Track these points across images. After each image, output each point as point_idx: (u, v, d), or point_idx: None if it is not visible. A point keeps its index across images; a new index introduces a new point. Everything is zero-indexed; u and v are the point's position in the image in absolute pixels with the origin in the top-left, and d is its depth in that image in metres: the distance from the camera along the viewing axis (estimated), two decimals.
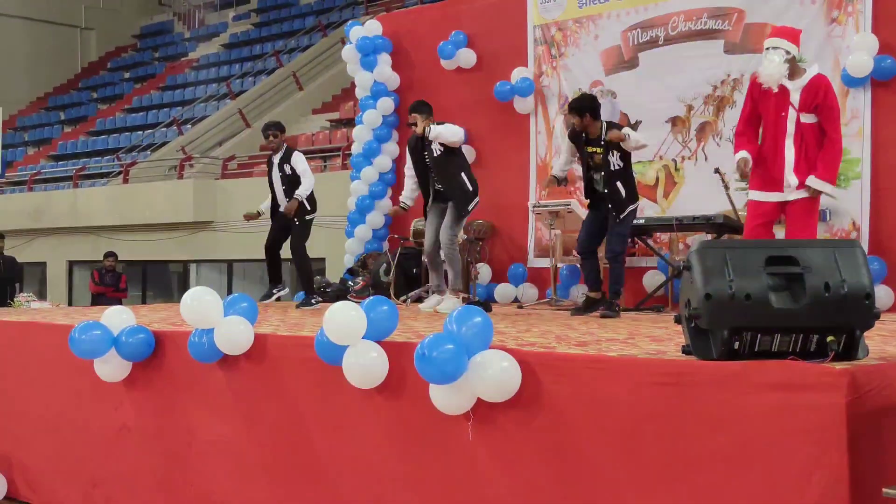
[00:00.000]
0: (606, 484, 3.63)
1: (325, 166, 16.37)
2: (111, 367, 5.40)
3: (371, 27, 10.76)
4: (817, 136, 5.98)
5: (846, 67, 7.67)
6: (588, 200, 7.46)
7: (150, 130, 21.65)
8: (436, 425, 4.14)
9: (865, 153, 7.78)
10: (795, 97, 5.97)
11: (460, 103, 9.84)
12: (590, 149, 7.31)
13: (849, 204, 7.83)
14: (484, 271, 9.75)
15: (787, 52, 5.93)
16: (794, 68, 6.01)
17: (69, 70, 29.25)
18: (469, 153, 10.35)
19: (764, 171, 6.15)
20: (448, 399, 3.98)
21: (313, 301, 8.27)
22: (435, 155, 7.63)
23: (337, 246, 12.18)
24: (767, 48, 6.00)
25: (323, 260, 14.26)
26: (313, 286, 8.59)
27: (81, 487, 5.75)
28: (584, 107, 7.27)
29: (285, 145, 8.43)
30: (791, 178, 5.98)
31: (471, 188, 7.64)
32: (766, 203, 6.10)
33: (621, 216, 7.19)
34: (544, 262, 9.27)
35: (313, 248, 14.02)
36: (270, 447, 4.85)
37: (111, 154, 21.62)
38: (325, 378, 4.56)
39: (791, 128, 5.97)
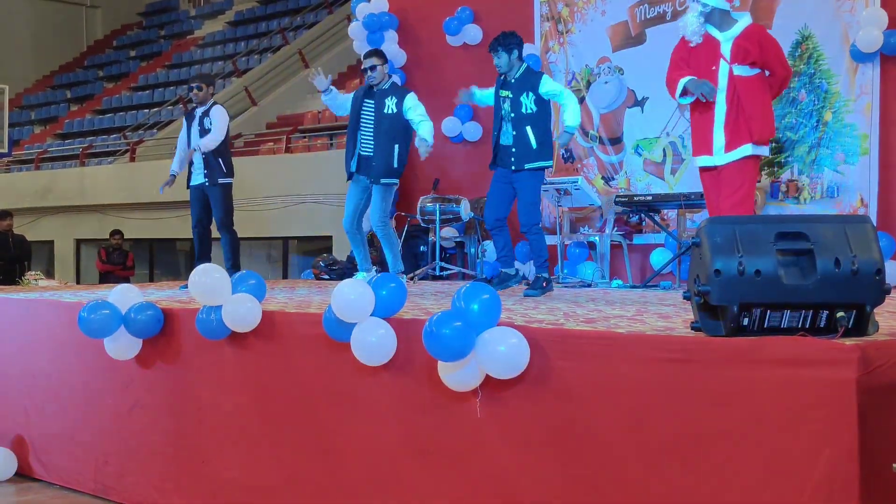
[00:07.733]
0: (614, 460, 3.63)
1: (331, 144, 16.34)
2: (121, 345, 5.41)
3: (377, 3, 10.70)
4: (752, 91, 5.55)
5: (855, 42, 7.64)
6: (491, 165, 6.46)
7: (156, 108, 21.61)
8: (444, 402, 4.14)
9: (874, 129, 7.75)
10: (727, 48, 5.60)
11: (466, 79, 9.76)
12: (502, 93, 6.28)
13: (857, 180, 7.81)
14: (490, 249, 9.73)
15: (705, 6, 5.58)
16: (723, 19, 5.64)
17: (75, 48, 29.16)
18: (475, 130, 10.34)
19: (695, 133, 5.75)
20: (456, 376, 3.98)
21: None
22: (385, 112, 6.86)
23: None
24: (686, 5, 5.77)
25: (330, 238, 14.25)
26: (239, 264, 7.83)
27: (93, 464, 5.78)
28: (510, 42, 6.21)
29: (212, 100, 7.88)
30: (719, 137, 5.57)
31: (396, 165, 6.99)
32: (701, 169, 5.75)
33: (525, 168, 6.12)
34: (551, 240, 9.25)
35: (320, 225, 14.01)
36: (279, 424, 4.87)
37: (118, 132, 21.60)
38: (333, 355, 4.56)
39: (723, 82, 5.57)
